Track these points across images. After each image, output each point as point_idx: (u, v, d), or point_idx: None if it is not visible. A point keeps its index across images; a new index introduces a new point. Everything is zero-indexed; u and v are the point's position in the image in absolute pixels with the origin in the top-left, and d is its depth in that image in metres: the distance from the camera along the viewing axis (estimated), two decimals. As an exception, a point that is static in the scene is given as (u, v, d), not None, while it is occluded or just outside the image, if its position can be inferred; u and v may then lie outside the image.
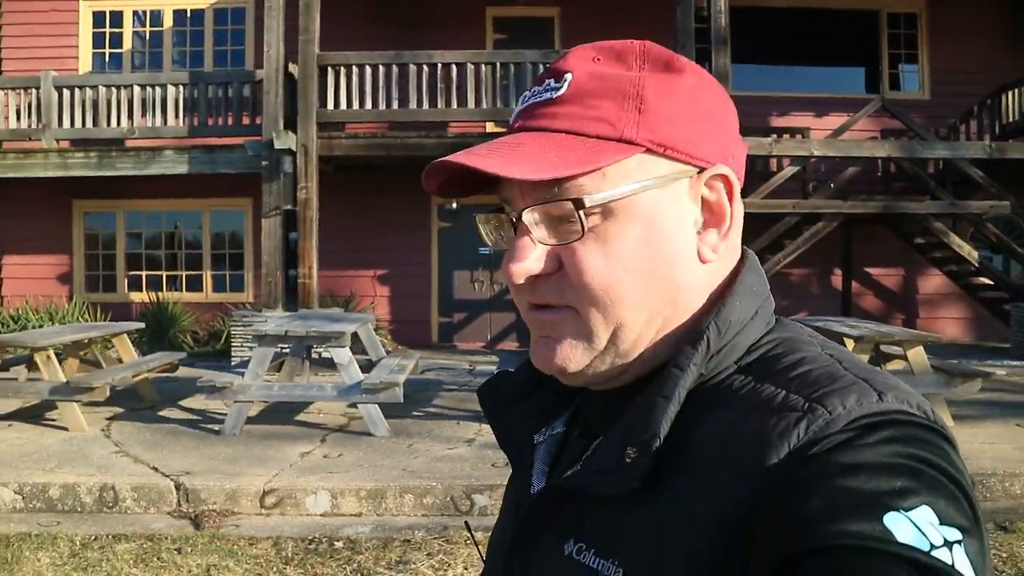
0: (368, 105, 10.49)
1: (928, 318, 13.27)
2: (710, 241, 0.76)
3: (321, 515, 5.60)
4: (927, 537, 0.55)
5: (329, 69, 10.49)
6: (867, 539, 0.55)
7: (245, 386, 6.91)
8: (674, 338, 0.75)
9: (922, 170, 11.68)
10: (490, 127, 11.73)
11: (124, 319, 12.31)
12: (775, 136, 11.67)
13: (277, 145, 10.15)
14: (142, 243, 13.32)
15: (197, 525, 5.37)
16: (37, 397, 7.21)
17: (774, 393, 0.67)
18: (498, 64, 10.55)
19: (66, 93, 11.17)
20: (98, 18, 13.25)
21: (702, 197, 0.76)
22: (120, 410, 7.94)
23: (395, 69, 10.51)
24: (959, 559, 0.55)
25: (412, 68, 10.47)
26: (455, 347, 12.66)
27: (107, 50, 13.27)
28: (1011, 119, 12.09)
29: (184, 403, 8.46)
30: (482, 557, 0.98)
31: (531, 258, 0.73)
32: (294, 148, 10.21)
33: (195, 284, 13.17)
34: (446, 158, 0.71)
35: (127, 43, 13.27)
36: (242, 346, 10.28)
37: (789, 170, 11.36)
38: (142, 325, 9.37)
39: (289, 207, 10.36)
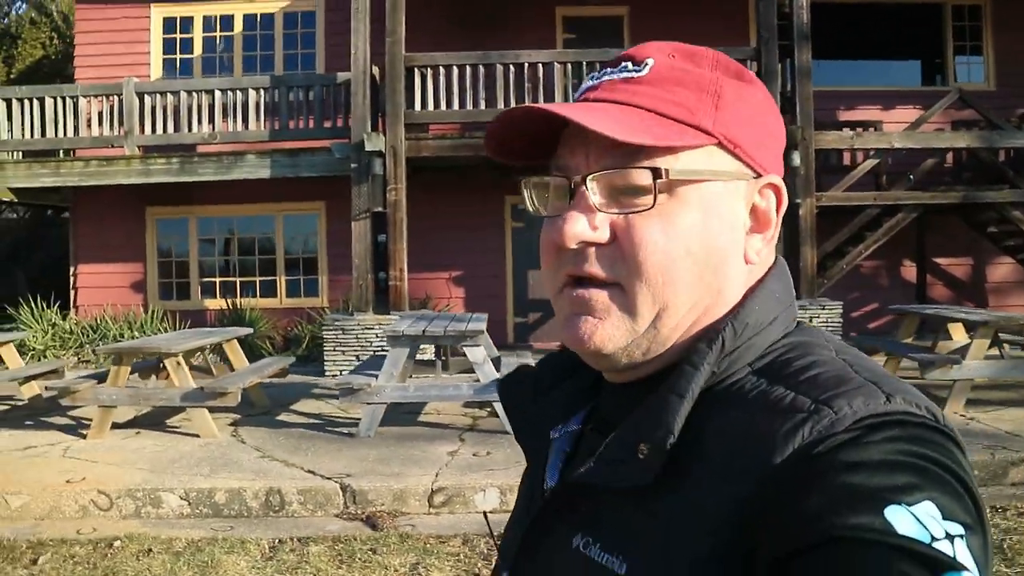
0: (455, 106, 10.49)
1: (997, 306, 13.24)
2: (755, 245, 0.78)
3: (491, 512, 5.60)
4: (928, 530, 0.55)
5: (416, 70, 10.48)
6: (868, 531, 0.56)
7: (380, 387, 6.90)
8: (703, 333, 0.75)
9: (997, 159, 11.68)
10: None
11: (200, 326, 12.36)
12: (859, 129, 11.63)
13: (368, 147, 10.14)
14: (215, 249, 13.32)
15: (373, 526, 5.37)
16: (169, 403, 7.21)
17: (783, 395, 0.68)
18: (584, 63, 10.54)
19: (147, 99, 11.19)
20: (169, 24, 13.27)
21: (753, 202, 0.78)
22: (237, 416, 7.94)
23: (481, 69, 10.51)
24: (960, 552, 0.55)
25: (499, 68, 10.46)
26: (531, 347, 12.65)
27: (178, 56, 13.28)
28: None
29: (296, 407, 8.48)
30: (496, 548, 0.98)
31: (590, 223, 0.73)
32: (383, 150, 10.20)
33: (269, 290, 13.15)
34: (531, 105, 0.73)
35: (197, 48, 13.28)
36: (334, 350, 10.28)
37: (869, 163, 11.37)
38: (250, 330, 9.36)
39: (379, 209, 10.35)
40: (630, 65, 0.77)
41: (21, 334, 9.49)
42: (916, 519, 0.56)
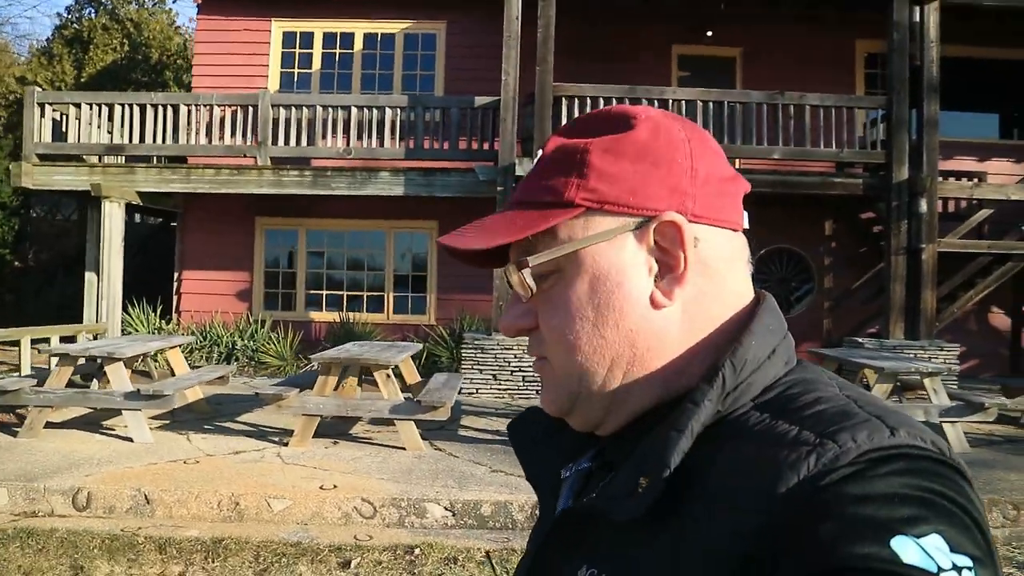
0: (599, 135, 10.68)
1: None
2: (664, 287, 0.77)
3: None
4: (935, 560, 0.55)
5: (563, 99, 10.69)
6: (873, 561, 0.55)
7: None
8: (652, 380, 0.78)
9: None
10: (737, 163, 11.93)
11: (307, 338, 12.41)
12: (976, 180, 12.00)
13: (519, 171, 10.33)
14: (323, 262, 13.38)
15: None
16: (378, 414, 7.29)
17: (787, 430, 0.68)
18: (726, 103, 10.82)
19: (282, 111, 11.30)
20: (288, 38, 13.40)
21: (654, 244, 0.77)
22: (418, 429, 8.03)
23: (627, 102, 10.73)
24: None
25: (643, 103, 10.69)
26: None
27: (296, 70, 13.41)
28: None
29: (465, 422, 8.57)
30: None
31: (515, 314, 0.83)
32: (530, 175, 10.36)
33: (376, 305, 13.23)
34: (440, 239, 0.84)
35: (316, 64, 13.41)
36: (472, 368, 10.37)
37: (984, 212, 11.70)
38: (420, 346, 9.43)
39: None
40: (539, 156, 0.84)
41: (185, 339, 9.51)
42: (923, 550, 0.55)
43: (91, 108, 11.57)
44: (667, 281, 0.77)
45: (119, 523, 5.71)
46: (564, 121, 10.67)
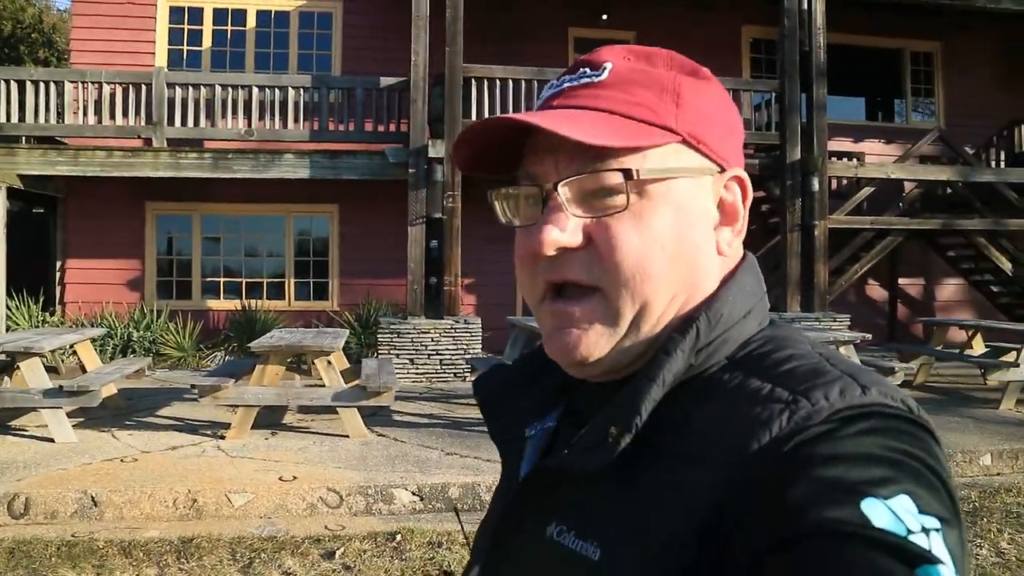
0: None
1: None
2: (725, 237, 0.80)
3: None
4: (904, 523, 0.55)
5: (472, 81, 10.65)
6: (844, 524, 0.56)
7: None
8: None
9: (969, 192, 13.00)
10: None
11: (205, 327, 11.98)
12: (856, 160, 12.69)
13: (432, 154, 10.25)
14: (219, 248, 12.89)
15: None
16: (320, 402, 7.14)
17: (760, 386, 0.69)
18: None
19: (178, 91, 10.81)
20: (176, 14, 12.76)
21: (720, 196, 0.80)
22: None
23: (536, 84, 10.79)
24: (936, 545, 0.55)
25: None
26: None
27: (185, 47, 12.80)
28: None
29: (396, 407, 8.48)
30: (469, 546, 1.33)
31: (566, 229, 0.74)
32: (443, 156, 10.31)
33: (276, 292, 12.84)
34: (506, 116, 0.74)
35: (207, 41, 12.84)
36: (388, 352, 10.25)
37: (867, 190, 12.39)
38: (348, 332, 9.20)
39: (437, 215, 10.43)
40: (588, 71, 0.79)
41: (96, 331, 8.99)
42: (892, 512, 0.56)
43: (-38, 85, 10.73)
44: (727, 232, 0.81)
45: (67, 528, 5.40)
46: (475, 103, 10.64)
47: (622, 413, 0.71)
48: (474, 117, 10.60)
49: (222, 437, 7.03)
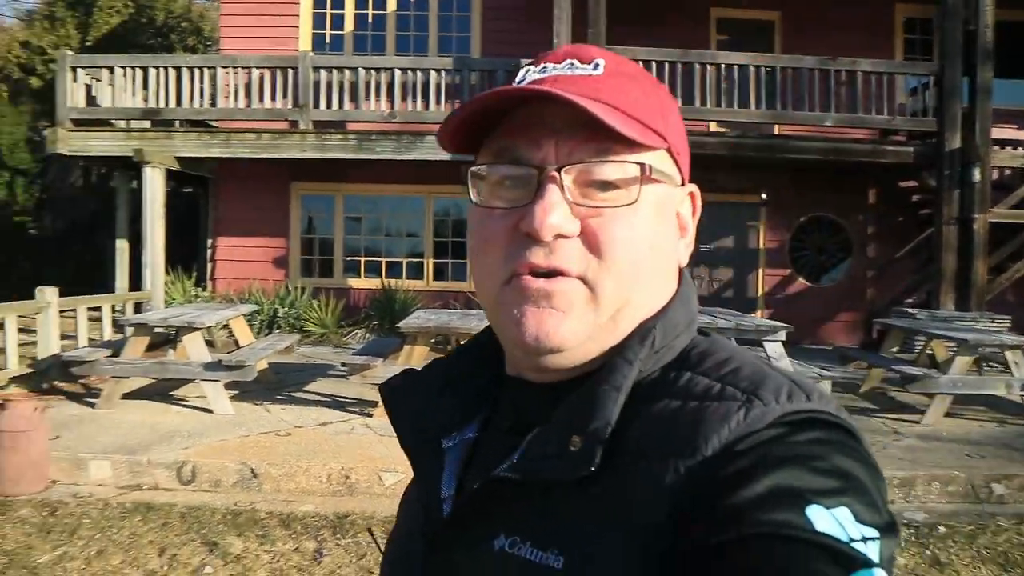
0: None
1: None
2: (682, 249, 0.82)
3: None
4: (846, 530, 0.58)
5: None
6: (788, 527, 0.58)
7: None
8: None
9: None
10: (777, 129, 11.93)
11: (347, 305, 12.29)
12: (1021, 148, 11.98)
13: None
14: (360, 228, 13.20)
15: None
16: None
17: (710, 385, 0.70)
18: (778, 68, 10.70)
19: (323, 74, 11.08)
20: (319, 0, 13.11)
21: (677, 209, 0.81)
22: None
23: (679, 67, 10.60)
24: (873, 553, 0.58)
25: (697, 67, 10.57)
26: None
27: (328, 31, 13.13)
28: None
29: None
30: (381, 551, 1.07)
31: (561, 215, 0.72)
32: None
33: (415, 272, 13.08)
34: (530, 87, 0.73)
35: (348, 25, 13.13)
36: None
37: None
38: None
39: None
40: (577, 63, 0.77)
41: (248, 307, 9.37)
42: (835, 520, 0.58)
43: (125, 72, 11.28)
44: (683, 244, 0.82)
45: (230, 497, 5.63)
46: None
47: (586, 422, 0.69)
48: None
49: (369, 415, 7.20)
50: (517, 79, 0.79)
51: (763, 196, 12.74)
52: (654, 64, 10.54)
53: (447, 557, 0.76)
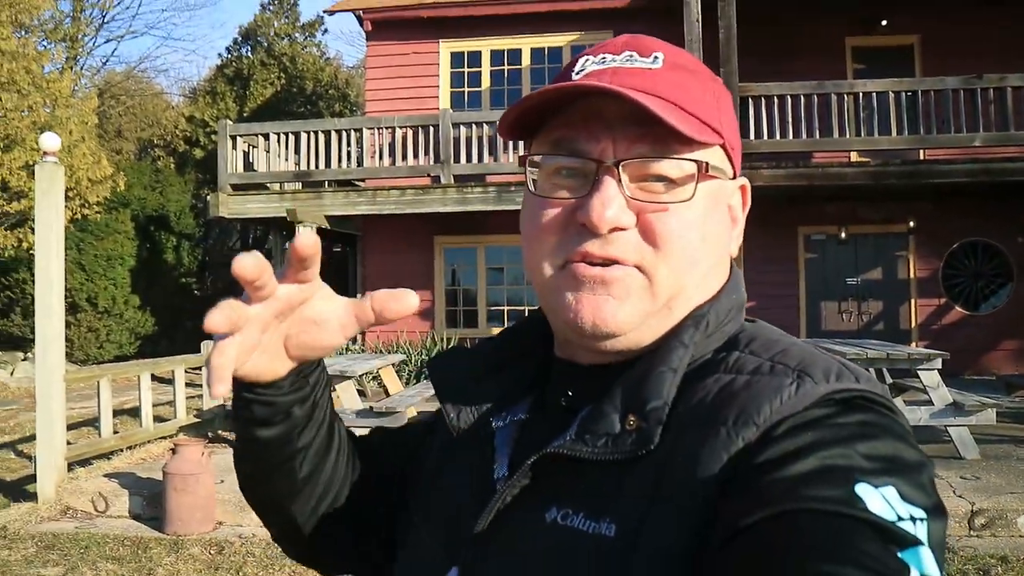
0: (789, 135, 10.45)
1: None
2: (732, 240, 0.83)
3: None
4: (894, 509, 0.58)
5: (751, 100, 10.48)
6: (839, 503, 0.58)
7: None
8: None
9: None
10: (922, 154, 11.65)
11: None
12: None
13: (711, 175, 10.19)
14: (502, 278, 13.50)
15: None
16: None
17: (761, 362, 0.72)
18: (919, 91, 10.40)
19: (462, 130, 11.45)
20: (456, 59, 13.65)
21: (729, 202, 0.82)
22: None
23: (815, 99, 10.45)
24: (921, 534, 0.58)
25: (834, 98, 10.39)
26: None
27: (466, 89, 13.63)
28: None
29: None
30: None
31: (618, 207, 0.73)
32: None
33: (556, 318, 13.21)
34: (594, 84, 0.73)
35: (485, 82, 13.59)
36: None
37: None
38: None
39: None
40: (636, 55, 0.77)
41: (397, 356, 9.71)
42: (884, 498, 0.58)
43: (279, 138, 11.99)
44: (734, 236, 0.84)
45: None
46: (752, 123, 10.45)
47: (643, 402, 0.71)
48: (752, 137, 10.40)
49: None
50: (576, 68, 0.79)
51: (911, 224, 12.30)
52: (789, 98, 10.42)
53: (498, 536, 0.77)
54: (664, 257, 0.74)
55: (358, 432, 1.00)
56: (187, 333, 16.10)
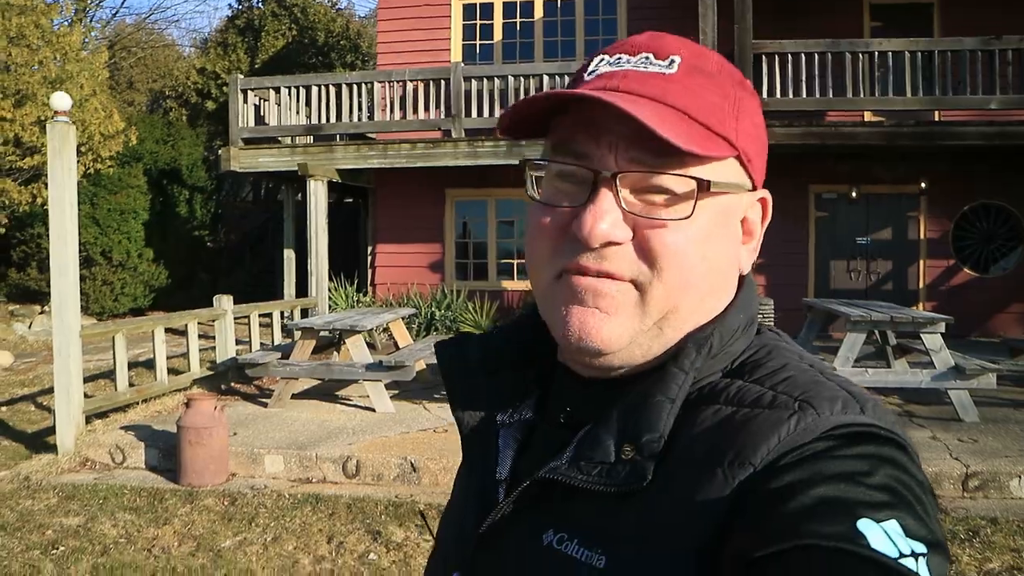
0: (803, 94, 10.38)
1: None
2: (744, 256, 0.80)
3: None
4: (896, 546, 0.57)
5: (764, 57, 10.39)
6: (840, 540, 0.57)
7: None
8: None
9: None
10: (937, 115, 11.54)
11: (500, 307, 12.58)
12: None
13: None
14: (513, 231, 13.53)
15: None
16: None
17: (762, 392, 0.70)
18: (936, 52, 10.27)
19: (474, 83, 11.42)
20: (468, 11, 13.53)
21: (745, 215, 0.79)
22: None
23: (829, 57, 10.35)
24: (923, 570, 0.57)
25: (848, 56, 10.29)
26: (830, 337, 12.46)
27: (478, 42, 13.53)
28: None
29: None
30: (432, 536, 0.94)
31: (617, 223, 0.71)
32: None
33: (566, 272, 13.26)
34: (590, 93, 0.70)
35: (497, 35, 13.49)
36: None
37: None
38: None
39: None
40: (653, 58, 0.74)
41: (407, 310, 9.80)
42: (885, 534, 0.57)
43: (290, 91, 11.98)
44: (746, 250, 0.81)
45: (391, 490, 5.93)
46: (765, 81, 10.37)
47: (639, 432, 0.70)
48: (765, 95, 10.32)
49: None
50: (590, 68, 0.77)
51: (922, 185, 12.23)
52: (803, 56, 10.32)
53: (497, 545, 0.78)
54: (659, 275, 0.72)
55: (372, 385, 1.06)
56: (202, 285, 16.24)
